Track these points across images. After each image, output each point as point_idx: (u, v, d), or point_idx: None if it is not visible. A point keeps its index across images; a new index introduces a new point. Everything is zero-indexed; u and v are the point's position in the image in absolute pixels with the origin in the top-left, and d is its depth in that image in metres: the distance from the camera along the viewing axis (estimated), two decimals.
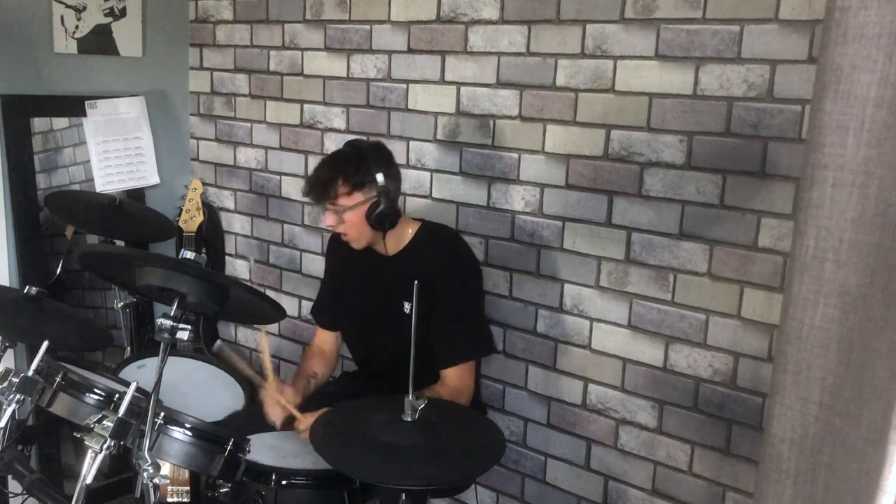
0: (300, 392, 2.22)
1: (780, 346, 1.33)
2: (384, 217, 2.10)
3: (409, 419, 1.72)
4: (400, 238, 2.20)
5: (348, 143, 2.18)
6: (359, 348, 2.46)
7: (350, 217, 2.10)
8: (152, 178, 3.21)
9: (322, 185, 2.08)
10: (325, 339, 2.46)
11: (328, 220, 2.14)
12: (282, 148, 3.07)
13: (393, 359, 2.02)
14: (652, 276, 2.18)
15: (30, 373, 1.81)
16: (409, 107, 2.63)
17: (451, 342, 2.15)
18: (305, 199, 2.99)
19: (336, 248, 2.33)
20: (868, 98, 1.18)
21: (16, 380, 1.80)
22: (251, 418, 2.26)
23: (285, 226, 3.11)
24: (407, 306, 2.17)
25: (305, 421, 1.99)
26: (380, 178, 2.07)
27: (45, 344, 1.85)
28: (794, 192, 1.91)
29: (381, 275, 2.24)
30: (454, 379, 2.14)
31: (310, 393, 2.28)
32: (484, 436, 1.83)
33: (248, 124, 3.17)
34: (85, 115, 3.01)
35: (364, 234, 2.15)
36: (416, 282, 1.73)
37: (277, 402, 2.11)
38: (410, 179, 2.66)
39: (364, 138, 2.20)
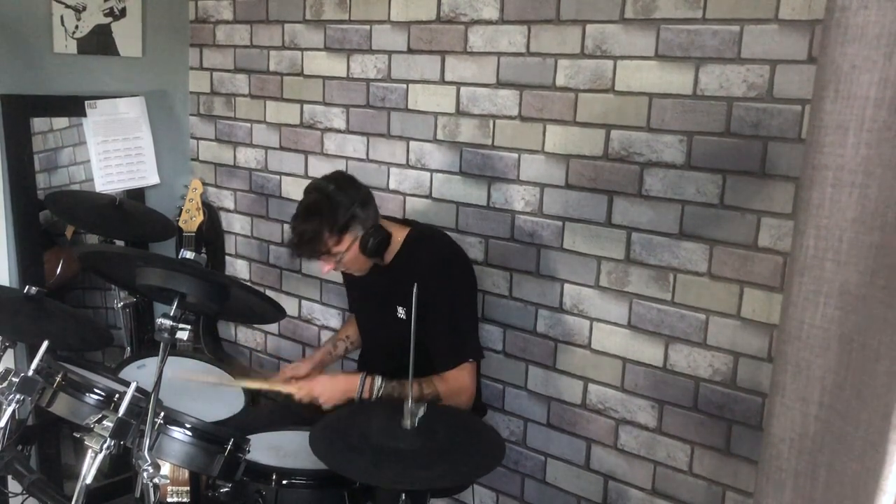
0: (315, 360, 2.43)
1: (780, 345, 1.33)
2: (379, 245, 2.12)
3: (409, 425, 1.72)
4: (393, 246, 2.21)
5: (311, 190, 2.14)
6: (362, 352, 2.51)
7: (347, 258, 2.12)
8: (152, 178, 3.21)
9: (309, 244, 2.07)
10: None
11: (326, 269, 2.15)
12: (282, 148, 3.07)
13: (390, 364, 2.03)
14: (652, 276, 2.18)
15: (30, 373, 1.81)
16: (409, 107, 2.63)
17: (447, 344, 2.14)
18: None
19: None
20: (868, 98, 1.18)
21: (16, 380, 1.80)
22: (252, 418, 2.26)
23: (285, 226, 3.11)
24: (401, 311, 2.18)
25: (298, 386, 2.16)
26: (358, 212, 2.08)
27: (45, 344, 1.85)
28: (794, 192, 1.91)
29: (376, 283, 2.26)
30: (452, 379, 2.14)
31: (339, 355, 2.50)
32: (483, 439, 1.83)
33: (248, 124, 3.17)
34: (85, 115, 3.01)
35: (365, 264, 2.19)
36: (415, 285, 1.73)
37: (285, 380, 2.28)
38: (410, 179, 2.66)
39: (320, 177, 2.17)
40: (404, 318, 2.17)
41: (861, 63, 1.17)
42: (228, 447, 1.76)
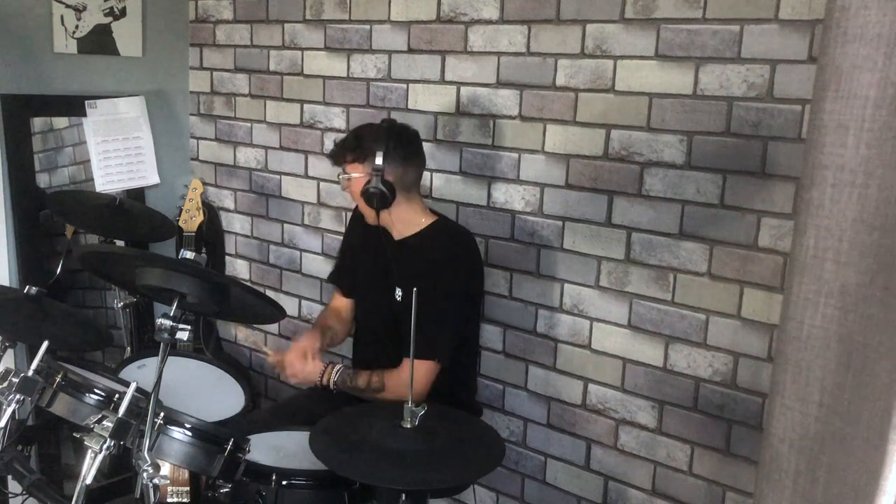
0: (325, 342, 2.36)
1: (780, 346, 1.33)
2: (371, 195, 2.13)
3: (409, 426, 1.72)
4: (410, 225, 2.21)
5: (384, 119, 2.24)
6: (357, 321, 2.48)
7: (351, 187, 2.19)
8: (152, 178, 3.21)
9: (339, 148, 2.20)
10: (342, 304, 2.51)
11: (343, 183, 2.24)
12: (282, 148, 3.07)
13: (380, 339, 2.01)
14: (652, 276, 2.18)
15: (30, 373, 1.81)
16: (409, 107, 2.63)
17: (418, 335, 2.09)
18: (306, 200, 3.01)
19: (355, 220, 2.43)
20: (868, 98, 1.18)
21: (16, 380, 1.79)
22: (252, 418, 2.26)
23: (285, 226, 3.11)
24: (398, 292, 2.19)
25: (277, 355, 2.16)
26: (378, 158, 2.10)
27: (45, 344, 1.84)
28: (794, 192, 1.91)
29: (384, 256, 2.26)
30: (405, 372, 2.08)
31: (326, 345, 2.40)
32: (483, 439, 1.83)
33: (248, 124, 3.17)
34: (85, 114, 3.01)
35: (365, 208, 2.19)
36: (415, 289, 1.72)
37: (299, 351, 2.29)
38: None
39: (397, 121, 2.23)
40: (400, 300, 2.17)
41: (861, 63, 1.17)
42: (228, 447, 1.76)
